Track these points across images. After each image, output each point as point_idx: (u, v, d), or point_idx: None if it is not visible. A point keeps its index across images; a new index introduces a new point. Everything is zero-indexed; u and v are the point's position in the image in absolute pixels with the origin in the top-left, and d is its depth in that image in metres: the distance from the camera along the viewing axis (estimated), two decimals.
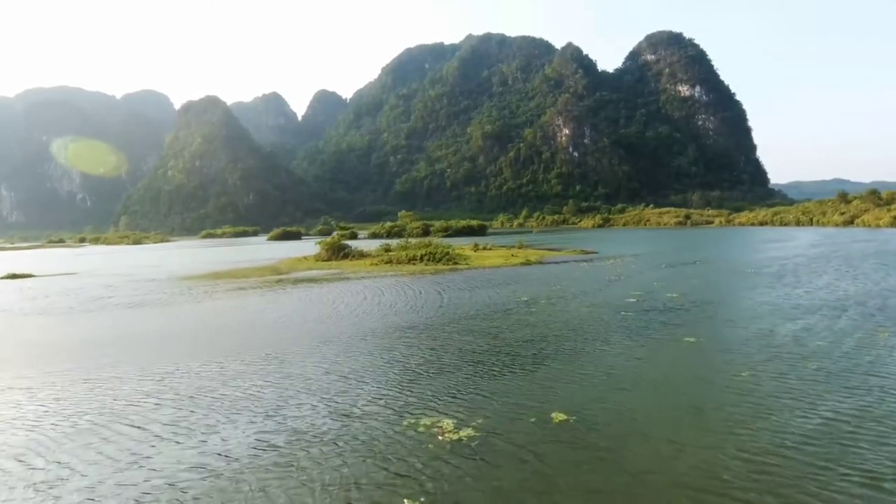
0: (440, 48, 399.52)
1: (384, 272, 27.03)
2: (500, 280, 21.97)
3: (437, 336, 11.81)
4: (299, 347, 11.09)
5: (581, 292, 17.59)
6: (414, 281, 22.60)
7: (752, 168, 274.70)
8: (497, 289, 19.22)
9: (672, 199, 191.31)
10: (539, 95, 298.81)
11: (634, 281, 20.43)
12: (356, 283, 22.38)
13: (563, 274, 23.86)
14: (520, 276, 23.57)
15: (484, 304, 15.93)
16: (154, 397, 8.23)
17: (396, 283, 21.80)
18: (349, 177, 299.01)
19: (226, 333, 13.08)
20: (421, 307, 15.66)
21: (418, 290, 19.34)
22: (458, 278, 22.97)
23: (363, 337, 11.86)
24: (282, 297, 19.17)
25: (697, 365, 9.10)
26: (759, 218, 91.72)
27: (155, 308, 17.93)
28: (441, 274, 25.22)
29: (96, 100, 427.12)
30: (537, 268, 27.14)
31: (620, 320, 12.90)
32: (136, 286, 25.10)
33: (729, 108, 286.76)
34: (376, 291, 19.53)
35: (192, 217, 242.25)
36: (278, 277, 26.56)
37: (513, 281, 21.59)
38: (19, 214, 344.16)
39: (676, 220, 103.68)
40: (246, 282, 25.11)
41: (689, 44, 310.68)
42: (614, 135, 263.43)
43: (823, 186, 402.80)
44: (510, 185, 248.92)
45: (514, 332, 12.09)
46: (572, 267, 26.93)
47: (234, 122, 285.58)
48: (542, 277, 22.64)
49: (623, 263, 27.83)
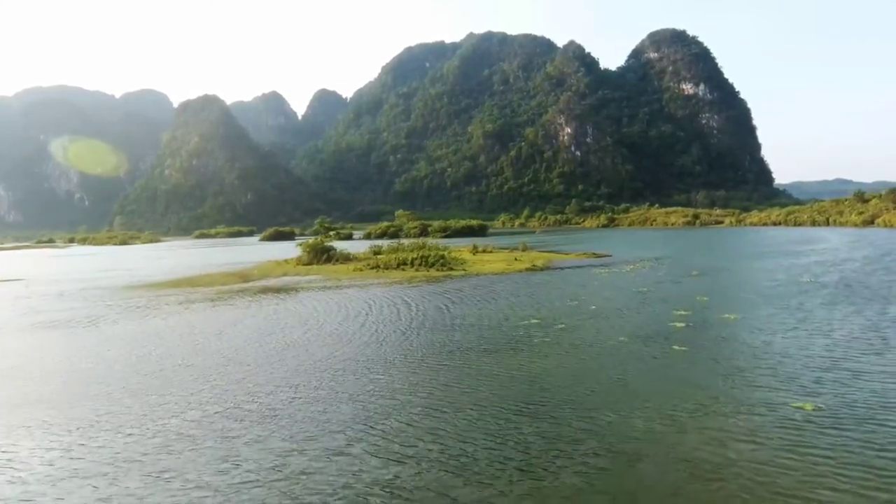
0: (441, 47, 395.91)
1: (367, 279, 23.22)
2: (501, 291, 18.13)
3: (395, 400, 7.91)
4: (179, 422, 7.28)
5: (608, 311, 13.73)
6: (398, 292, 18.77)
7: (757, 167, 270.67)
8: (498, 304, 15.36)
9: (676, 199, 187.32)
10: (541, 94, 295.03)
11: (669, 294, 16.58)
12: (328, 295, 18.58)
13: (578, 283, 20.01)
14: (526, 285, 19.73)
15: (479, 328, 12.10)
16: None
17: (375, 296, 17.96)
18: (349, 176, 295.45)
19: (107, 381, 9.26)
20: (391, 333, 11.84)
21: (399, 306, 15.51)
22: (451, 289, 19.12)
23: (290, 385, 8.10)
24: (227, 315, 15.34)
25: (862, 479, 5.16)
26: (771, 218, 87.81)
27: (66, 330, 14.12)
28: (433, 282, 21.40)
29: (95, 99, 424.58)
30: (545, 275, 23.27)
31: (681, 364, 9.00)
32: (75, 297, 21.32)
33: (733, 106, 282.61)
34: (346, 307, 15.69)
35: (188, 217, 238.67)
36: (243, 286, 22.74)
37: (517, 292, 17.74)
38: (17, 214, 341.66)
39: (684, 220, 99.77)
40: (204, 291, 21.31)
41: (692, 41, 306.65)
42: (617, 134, 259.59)
43: (826, 186, 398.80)
44: (511, 184, 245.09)
45: (521, 390, 7.94)
46: (587, 274, 23.05)
47: (231, 121, 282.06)
48: (553, 287, 18.79)
49: (646, 269, 23.92)
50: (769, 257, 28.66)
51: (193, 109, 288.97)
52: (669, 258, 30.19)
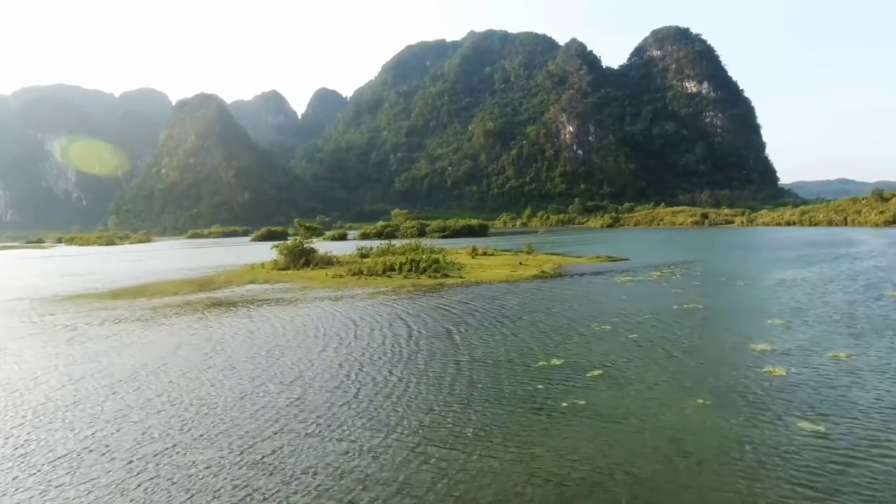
0: (442, 45, 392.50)
1: (345, 289, 19.45)
2: (505, 307, 14.31)
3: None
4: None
5: (657, 343, 9.89)
6: (376, 309, 14.98)
7: (762, 167, 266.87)
8: (501, 329, 11.56)
9: (680, 199, 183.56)
10: (542, 92, 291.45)
11: (726, 313, 12.78)
12: (289, 312, 14.81)
13: (601, 295, 16.21)
14: (535, 298, 15.94)
15: (472, 375, 8.30)
16: None
17: (345, 315, 14.15)
18: (348, 175, 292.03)
19: None
20: (342, 383, 8.06)
21: (367, 333, 11.71)
22: (443, 304, 15.32)
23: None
24: (133, 348, 11.57)
25: None
26: (784, 217, 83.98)
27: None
28: (422, 292, 17.64)
29: (94, 98, 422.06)
30: (558, 284, 19.45)
31: (830, 465, 5.22)
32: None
33: (737, 104, 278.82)
34: (301, 334, 11.88)
35: (184, 216, 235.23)
36: (194, 297, 18.96)
37: (526, 310, 13.93)
38: (14, 213, 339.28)
39: (693, 220, 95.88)
40: (145, 304, 17.56)
41: (696, 39, 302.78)
42: (619, 132, 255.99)
43: (828, 186, 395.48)
44: (512, 183, 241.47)
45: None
46: (608, 283, 19.20)
47: (228, 119, 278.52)
48: (571, 302, 14.97)
49: (676, 277, 20.04)
50: (814, 261, 24.79)
51: (190, 107, 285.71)
52: (695, 262, 26.35)
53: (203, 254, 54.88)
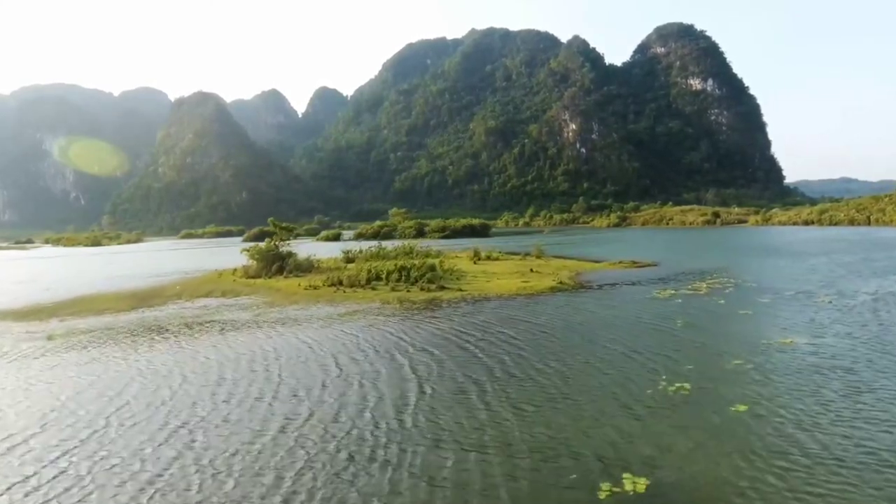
0: (442, 43, 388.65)
1: (315, 306, 15.53)
2: (525, 343, 10.33)
3: None
4: None
5: (806, 430, 5.92)
6: (346, 340, 11.00)
7: (767, 165, 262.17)
8: (519, 389, 7.51)
9: (685, 197, 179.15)
10: (544, 90, 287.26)
11: (860, 362, 8.87)
12: (227, 343, 10.89)
13: (652, 322, 12.10)
14: (558, 325, 11.94)
15: None
16: None
17: (303, 351, 10.19)
18: (348, 175, 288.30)
19: None
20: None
21: (327, 386, 7.75)
22: (437, 333, 11.32)
23: None
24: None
25: None
26: (802, 217, 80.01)
27: None
28: (410, 314, 13.72)
29: (93, 97, 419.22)
30: (584, 299, 15.45)
31: None
32: None
33: (742, 102, 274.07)
34: (226, 388, 7.97)
35: (182, 216, 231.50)
36: (128, 317, 15.06)
37: (547, 347, 9.89)
38: (12, 213, 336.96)
39: (704, 219, 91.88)
40: (55, 326, 13.67)
41: (700, 36, 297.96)
42: (623, 130, 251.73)
43: (830, 185, 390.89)
44: (514, 182, 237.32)
45: None
46: (649, 300, 15.08)
47: (226, 118, 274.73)
48: (616, 334, 10.90)
49: (731, 291, 16.01)
50: (891, 268, 20.71)
51: (188, 106, 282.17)
52: (735, 268, 22.32)
53: (185, 256, 51.09)
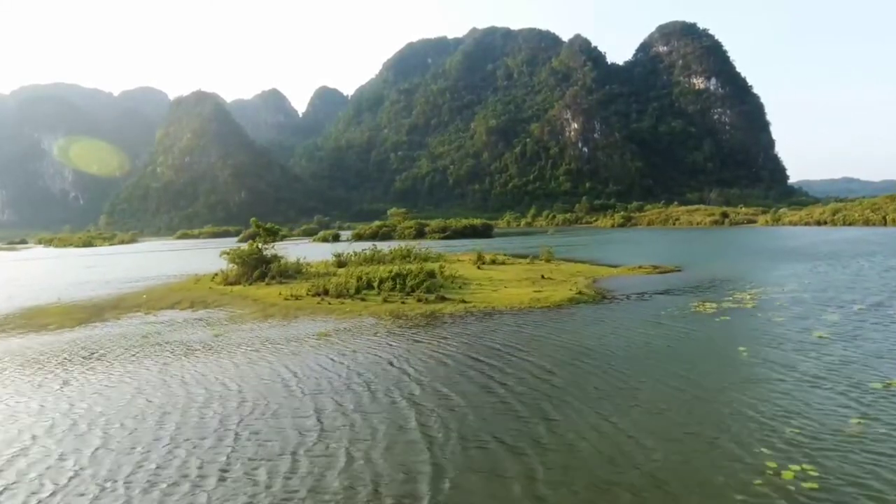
0: (443, 42, 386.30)
1: (293, 321, 13.33)
2: (556, 376, 8.02)
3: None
4: None
5: None
6: (320, 372, 8.78)
7: (771, 164, 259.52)
8: (583, 473, 5.36)
9: (688, 197, 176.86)
10: (546, 89, 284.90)
11: None
12: (168, 374, 8.75)
13: (697, 345, 9.94)
14: (600, 352, 9.60)
15: None
16: None
17: (260, 389, 7.98)
18: (348, 174, 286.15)
19: None
20: None
21: (291, 472, 5.55)
22: (444, 367, 9.05)
23: None
24: None
25: None
26: (814, 216, 77.60)
27: None
28: (404, 334, 11.50)
29: (92, 97, 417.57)
30: (610, 312, 13.17)
31: None
32: None
33: (746, 101, 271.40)
34: (145, 462, 5.78)
35: (180, 216, 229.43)
36: (72, 335, 12.92)
37: (601, 389, 7.52)
38: (11, 213, 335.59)
39: (712, 219, 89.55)
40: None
41: (703, 34, 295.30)
42: (625, 129, 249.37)
43: (833, 185, 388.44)
44: (516, 182, 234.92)
45: None
46: (684, 315, 12.85)
47: (225, 117, 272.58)
48: (660, 363, 8.62)
49: (783, 304, 13.62)
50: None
51: (187, 105, 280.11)
52: (769, 274, 20.05)
53: (175, 258, 48.93)
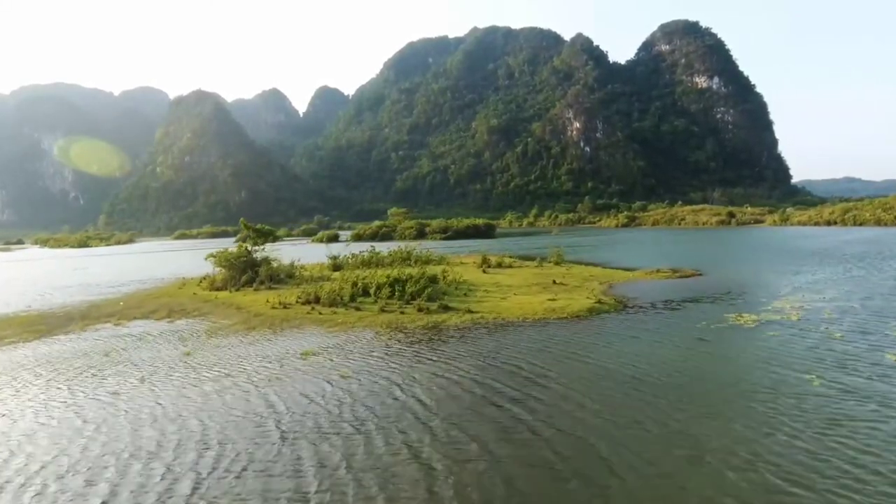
0: (444, 42, 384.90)
1: (279, 334, 11.82)
2: (602, 412, 6.53)
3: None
4: None
5: None
6: (310, 416, 7.27)
7: (775, 164, 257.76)
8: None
9: (691, 197, 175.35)
10: (547, 88, 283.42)
11: None
12: (114, 414, 7.23)
13: (750, 370, 8.41)
14: (646, 379, 8.04)
15: None
16: None
17: (239, 440, 6.49)
18: (348, 174, 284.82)
19: None
20: None
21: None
22: (456, 398, 7.47)
23: None
24: None
25: None
26: (824, 216, 75.93)
27: None
28: (408, 351, 9.96)
29: (92, 96, 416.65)
30: (639, 325, 11.60)
31: None
32: None
33: (749, 100, 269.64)
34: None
35: (179, 216, 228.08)
36: (20, 352, 11.38)
37: (648, 440, 6.02)
38: (11, 213, 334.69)
39: (718, 219, 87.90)
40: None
41: (706, 33, 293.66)
42: (628, 129, 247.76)
43: (834, 185, 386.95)
44: (517, 181, 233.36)
45: None
46: (722, 328, 11.32)
47: (225, 117, 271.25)
48: (708, 395, 7.14)
49: (831, 314, 12.08)
50: None
51: (186, 105, 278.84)
52: (801, 279, 18.49)
53: (168, 259, 47.45)
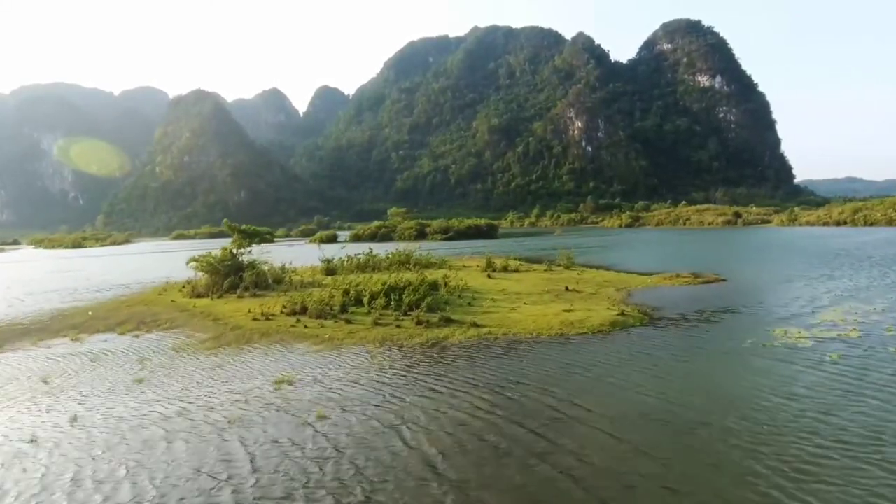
0: (444, 41, 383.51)
1: (254, 354, 10.26)
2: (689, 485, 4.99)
3: None
4: None
5: None
6: (281, 479, 5.70)
7: (777, 164, 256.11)
8: None
9: (694, 196, 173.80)
10: (549, 87, 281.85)
11: None
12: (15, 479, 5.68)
13: (827, 410, 6.87)
14: (698, 426, 6.49)
15: None
16: None
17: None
18: (348, 174, 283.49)
19: None
20: None
21: None
22: (473, 454, 5.86)
23: None
24: None
25: None
26: (833, 216, 74.36)
27: None
28: (406, 377, 8.42)
29: (92, 96, 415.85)
30: (674, 342, 10.00)
31: None
32: None
33: (751, 99, 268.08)
34: None
35: (178, 216, 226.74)
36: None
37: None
38: (10, 213, 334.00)
39: (724, 219, 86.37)
40: None
41: (708, 31, 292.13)
42: (629, 128, 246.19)
43: (835, 185, 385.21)
44: (518, 181, 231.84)
45: None
46: (773, 347, 9.78)
47: (225, 116, 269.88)
48: (794, 445, 5.59)
49: (893, 334, 10.59)
50: None
51: (186, 104, 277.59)
52: (838, 285, 16.92)
53: (159, 261, 45.91)
